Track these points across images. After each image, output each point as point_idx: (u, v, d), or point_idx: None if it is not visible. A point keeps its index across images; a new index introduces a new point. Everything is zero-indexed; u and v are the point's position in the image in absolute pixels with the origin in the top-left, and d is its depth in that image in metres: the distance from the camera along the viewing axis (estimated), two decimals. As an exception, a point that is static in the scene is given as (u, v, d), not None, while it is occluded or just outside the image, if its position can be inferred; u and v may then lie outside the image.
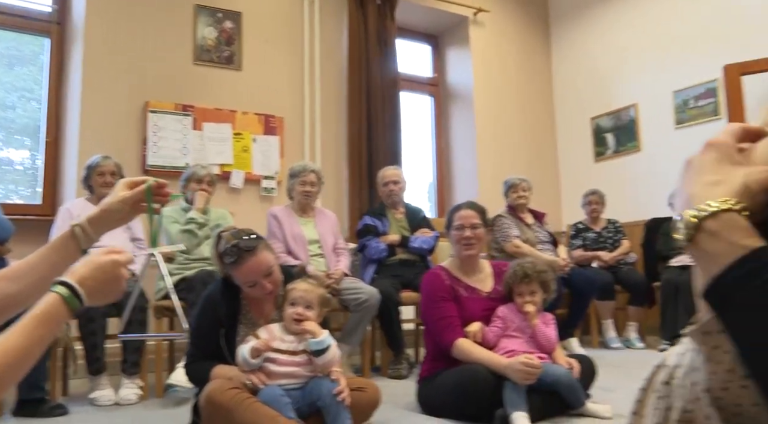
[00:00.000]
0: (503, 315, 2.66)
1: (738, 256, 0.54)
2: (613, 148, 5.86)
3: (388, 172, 4.28)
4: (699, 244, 0.57)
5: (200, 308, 2.38)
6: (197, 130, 4.47)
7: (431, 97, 6.07)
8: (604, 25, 5.95)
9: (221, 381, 2.17)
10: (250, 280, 2.27)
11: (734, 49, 4.78)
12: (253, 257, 2.26)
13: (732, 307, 0.55)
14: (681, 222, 0.58)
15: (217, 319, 2.32)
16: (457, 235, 2.75)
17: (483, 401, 2.38)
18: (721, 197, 0.57)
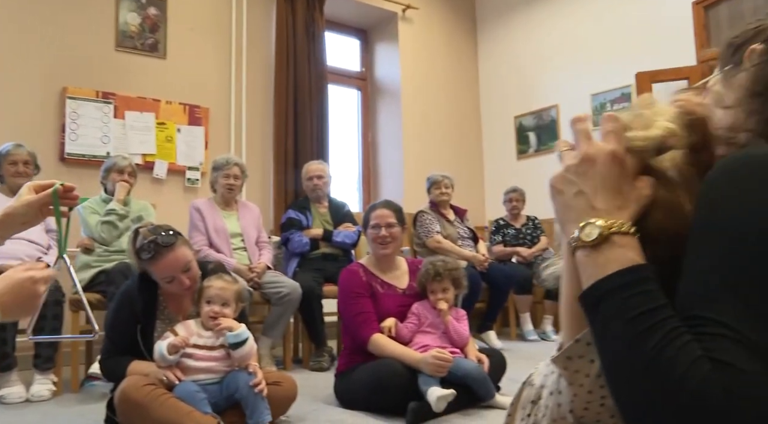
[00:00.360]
0: (417, 312, 2.76)
1: (624, 266, 0.64)
2: (535, 147, 6.08)
3: (312, 167, 4.32)
4: (600, 250, 0.66)
5: (117, 304, 2.37)
6: (119, 118, 4.37)
7: (359, 91, 6.12)
8: (529, 27, 6.15)
9: (136, 377, 2.18)
10: (168, 275, 2.28)
11: (647, 58, 5.04)
12: (171, 253, 2.27)
13: (599, 311, 0.64)
14: (594, 227, 0.67)
15: (133, 314, 2.31)
16: (373, 234, 2.83)
17: (397, 394, 2.47)
18: (628, 222, 0.67)
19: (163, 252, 2.25)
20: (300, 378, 3.28)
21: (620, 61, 5.31)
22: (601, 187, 0.69)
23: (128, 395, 2.11)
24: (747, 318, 0.58)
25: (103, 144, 4.28)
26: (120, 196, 3.48)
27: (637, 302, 0.61)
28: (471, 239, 4.74)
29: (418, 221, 4.60)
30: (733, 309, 0.59)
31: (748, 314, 0.58)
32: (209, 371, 2.28)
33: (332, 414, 2.58)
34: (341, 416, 2.54)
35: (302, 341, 3.96)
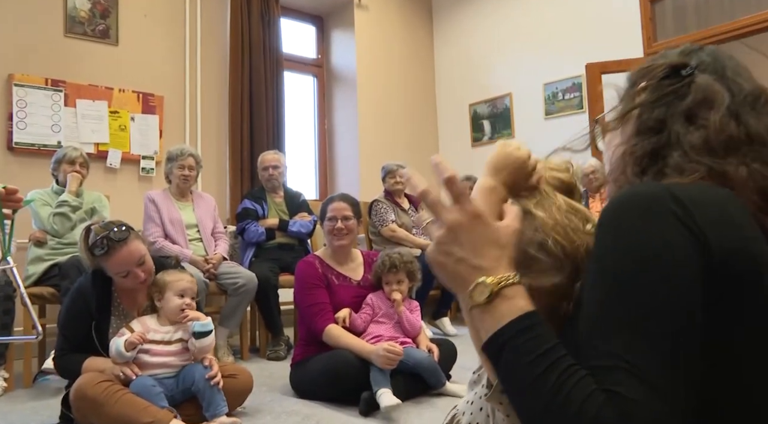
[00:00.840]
0: (372, 302, 2.84)
1: (516, 315, 0.69)
2: (489, 135, 6.18)
3: (267, 157, 4.33)
4: (494, 305, 0.71)
5: (69, 301, 2.38)
6: (70, 106, 4.29)
7: (315, 78, 6.12)
8: (483, 16, 6.22)
9: (92, 374, 2.20)
10: (123, 270, 2.30)
11: (597, 49, 5.16)
12: (125, 247, 2.29)
13: (501, 359, 0.69)
14: (484, 286, 0.71)
15: (87, 311, 2.33)
16: (329, 226, 2.89)
17: (350, 384, 2.55)
18: (512, 271, 0.72)
19: (116, 247, 2.27)
20: (257, 368, 3.36)
21: (571, 52, 5.43)
22: (476, 247, 0.72)
23: (84, 392, 2.13)
24: (635, 348, 0.64)
25: (54, 133, 4.21)
26: (72, 187, 3.44)
27: (531, 347, 0.67)
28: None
29: (373, 210, 4.67)
30: (622, 340, 0.65)
31: (635, 344, 0.64)
32: (166, 366, 2.31)
33: (288, 404, 2.64)
34: (296, 406, 2.61)
35: (259, 330, 4.01)
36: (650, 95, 0.85)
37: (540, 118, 5.67)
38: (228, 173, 4.98)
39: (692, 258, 0.67)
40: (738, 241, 0.69)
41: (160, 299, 2.37)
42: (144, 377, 2.23)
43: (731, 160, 0.78)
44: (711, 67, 0.86)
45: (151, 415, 2.10)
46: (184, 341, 2.36)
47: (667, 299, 0.66)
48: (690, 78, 0.84)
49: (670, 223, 0.68)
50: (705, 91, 0.83)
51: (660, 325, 0.65)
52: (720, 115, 0.80)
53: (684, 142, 0.80)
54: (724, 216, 0.70)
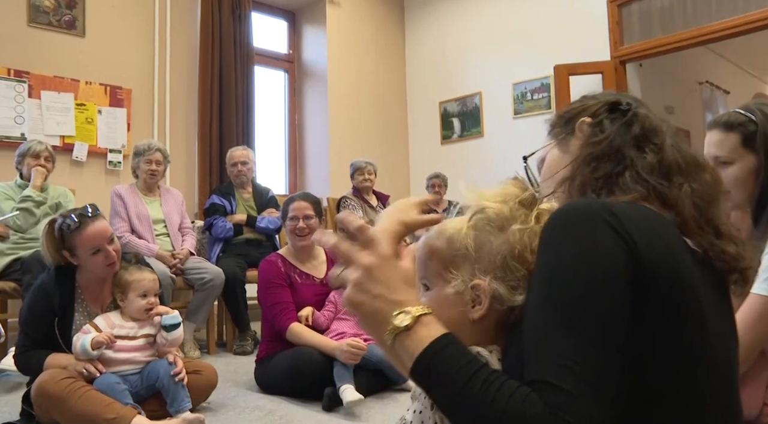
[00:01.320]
0: (335, 300, 2.89)
1: (436, 336, 0.76)
2: (458, 133, 6.25)
3: (236, 153, 4.33)
4: (415, 330, 0.77)
5: (31, 298, 2.36)
6: (34, 98, 4.23)
7: (286, 73, 6.11)
8: (455, 16, 6.27)
9: (54, 371, 2.20)
10: (95, 245, 2.29)
11: (565, 51, 5.25)
12: (96, 222, 2.30)
13: (429, 378, 0.75)
14: (406, 314, 0.77)
15: (50, 307, 2.32)
16: (291, 225, 2.91)
17: (314, 380, 2.59)
18: (426, 305, 0.80)
19: (88, 221, 2.28)
20: (223, 362, 3.38)
21: (540, 53, 5.51)
22: (391, 284, 0.79)
23: (46, 388, 2.13)
24: (568, 345, 0.70)
25: (17, 124, 4.15)
26: (37, 182, 3.41)
27: (454, 361, 0.73)
28: (393, 224, 4.87)
29: (342, 207, 4.70)
30: (557, 339, 0.71)
31: (568, 342, 0.71)
32: (130, 362, 2.33)
33: (252, 400, 2.67)
34: (261, 401, 2.64)
35: (226, 324, 4.02)
36: (608, 126, 0.95)
37: (509, 117, 5.74)
38: (197, 168, 4.96)
39: (624, 262, 0.74)
40: (663, 251, 0.77)
41: (122, 300, 2.37)
42: (108, 375, 2.24)
43: (676, 179, 0.89)
44: (641, 105, 0.98)
45: (114, 411, 2.10)
46: (148, 337, 2.38)
47: (600, 300, 0.72)
48: (632, 111, 0.95)
49: (605, 231, 0.76)
50: (650, 122, 0.94)
51: (592, 324, 0.71)
52: (669, 141, 0.92)
53: (637, 165, 0.90)
54: (652, 229, 0.78)
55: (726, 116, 1.52)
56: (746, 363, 1.38)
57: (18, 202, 3.34)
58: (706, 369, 0.78)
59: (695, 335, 0.77)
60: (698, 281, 0.80)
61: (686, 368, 0.76)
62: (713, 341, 0.79)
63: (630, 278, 0.74)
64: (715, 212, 0.90)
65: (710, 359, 0.78)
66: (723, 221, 0.91)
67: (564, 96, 5.21)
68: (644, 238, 0.76)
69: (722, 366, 0.81)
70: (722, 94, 8.18)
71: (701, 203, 0.89)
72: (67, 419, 2.12)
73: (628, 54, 5.14)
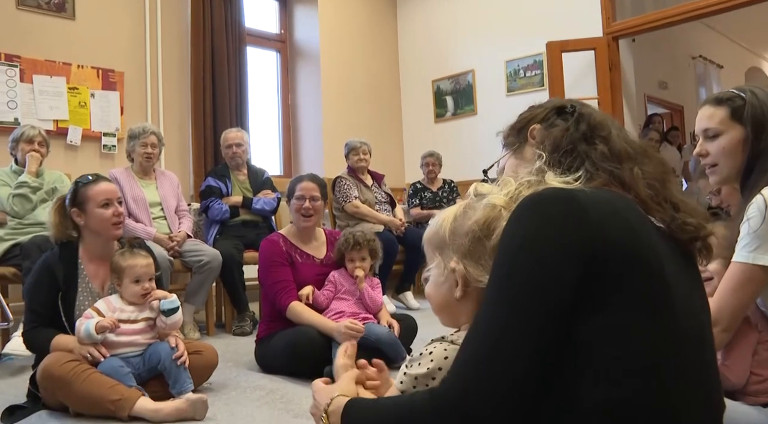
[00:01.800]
0: (334, 279, 2.92)
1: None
2: (451, 111, 6.26)
3: (230, 135, 4.33)
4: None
5: (36, 273, 2.41)
6: (26, 82, 4.21)
7: (278, 53, 6.08)
8: (446, -9, 6.24)
9: (59, 354, 2.23)
10: (106, 198, 2.43)
11: (558, 28, 5.25)
12: (109, 182, 2.53)
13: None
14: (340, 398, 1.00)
15: (54, 282, 2.37)
16: (297, 205, 2.94)
17: (313, 359, 2.63)
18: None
19: (101, 179, 2.51)
20: (222, 343, 3.42)
21: (533, 30, 5.50)
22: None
23: (51, 371, 2.16)
24: (483, 343, 0.81)
25: (10, 109, 4.14)
26: (32, 168, 3.41)
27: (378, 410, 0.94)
28: (388, 204, 4.91)
29: (337, 187, 4.72)
30: (478, 335, 0.82)
31: (487, 339, 0.81)
32: (132, 345, 2.36)
33: (252, 379, 2.71)
34: (261, 381, 2.68)
35: (224, 306, 4.05)
36: (564, 125, 1.04)
37: (502, 94, 5.75)
38: (191, 151, 4.96)
39: (571, 259, 0.79)
40: (627, 230, 0.82)
41: (119, 284, 2.40)
42: (111, 359, 2.27)
43: (627, 164, 0.98)
44: (584, 105, 1.08)
45: (118, 393, 2.15)
46: (149, 320, 2.41)
47: (531, 297, 0.78)
48: (576, 112, 1.06)
49: (559, 220, 0.81)
50: (594, 118, 1.04)
51: (513, 322, 0.79)
52: (615, 132, 1.02)
53: (591, 155, 0.99)
54: (616, 211, 0.84)
55: (717, 94, 1.59)
56: (730, 330, 1.43)
57: (14, 189, 3.35)
58: (672, 343, 0.81)
59: (661, 310, 0.81)
60: (665, 257, 0.85)
61: (648, 342, 0.79)
62: (680, 314, 0.83)
63: (585, 259, 0.78)
64: (669, 189, 0.98)
65: (675, 332, 0.82)
66: (679, 197, 0.97)
67: (557, 73, 5.21)
68: (608, 220, 0.82)
69: (694, 340, 0.85)
70: (716, 68, 8.19)
71: (655, 183, 0.97)
72: (73, 401, 2.16)
73: (620, 30, 5.14)
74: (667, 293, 0.82)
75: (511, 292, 0.80)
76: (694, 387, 0.83)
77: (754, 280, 1.39)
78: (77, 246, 2.47)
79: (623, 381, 0.77)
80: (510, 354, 0.77)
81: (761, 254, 1.37)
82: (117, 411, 2.12)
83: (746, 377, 1.51)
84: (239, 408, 2.33)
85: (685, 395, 0.81)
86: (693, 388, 0.83)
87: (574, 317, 0.78)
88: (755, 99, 1.50)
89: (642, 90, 6.54)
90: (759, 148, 1.48)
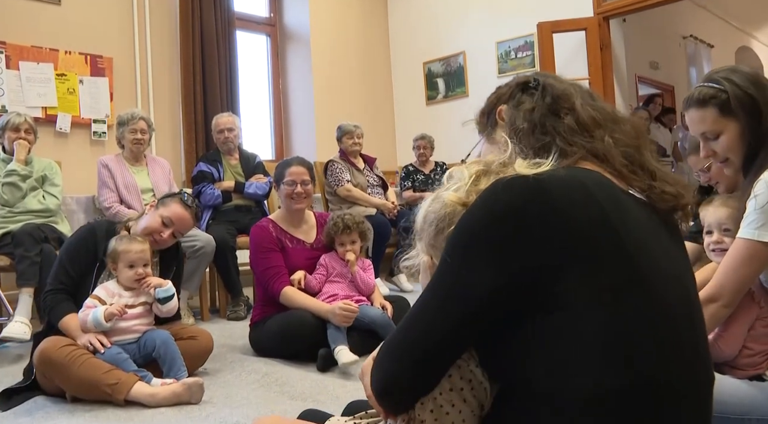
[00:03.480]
0: (325, 263, 2.93)
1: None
2: (443, 93, 6.24)
3: (222, 120, 4.31)
4: None
5: (80, 237, 2.48)
6: (12, 69, 4.17)
7: (268, 37, 6.04)
8: (436, -27, 6.19)
9: (56, 338, 2.25)
10: (171, 218, 2.52)
11: (548, 9, 5.23)
12: (188, 212, 2.62)
13: None
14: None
15: (94, 250, 2.42)
16: (288, 190, 2.93)
17: (308, 342, 2.65)
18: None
19: (189, 206, 2.61)
20: (217, 328, 3.43)
21: (523, 11, 5.49)
22: None
23: (48, 355, 2.17)
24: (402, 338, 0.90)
25: (-3, 97, 4.11)
26: (21, 156, 3.39)
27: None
28: (380, 187, 4.91)
29: (329, 170, 4.71)
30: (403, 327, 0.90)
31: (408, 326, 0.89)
32: (130, 331, 2.36)
33: (248, 363, 2.73)
34: (256, 364, 2.70)
35: (218, 291, 4.06)
36: (530, 101, 1.02)
37: (493, 76, 5.73)
38: (182, 136, 4.94)
39: (505, 267, 0.80)
40: (598, 215, 0.82)
41: (114, 268, 2.40)
42: (109, 348, 2.27)
43: (598, 134, 0.95)
44: (549, 76, 1.06)
45: (115, 377, 2.16)
46: (146, 304, 2.42)
47: (450, 304, 0.83)
48: (539, 85, 1.03)
49: (510, 219, 0.81)
50: (557, 89, 1.01)
51: (431, 307, 0.86)
52: (579, 101, 0.99)
53: (560, 130, 0.96)
54: (587, 196, 0.83)
55: (696, 93, 1.55)
56: (731, 306, 1.45)
57: (3, 177, 3.33)
58: (651, 324, 0.81)
59: (638, 292, 0.81)
60: (646, 232, 0.86)
61: (621, 329, 0.79)
62: (662, 293, 0.83)
63: (529, 262, 0.79)
64: (644, 155, 0.96)
65: (656, 313, 0.82)
66: (654, 164, 0.96)
67: (548, 54, 5.20)
68: (576, 207, 0.81)
69: (680, 318, 0.85)
70: (706, 47, 8.18)
71: (629, 151, 0.95)
72: (70, 385, 2.18)
73: (611, 9, 5.12)
74: (644, 274, 0.82)
75: (434, 293, 0.86)
76: (679, 365, 0.82)
77: (758, 256, 1.40)
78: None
79: (600, 371, 0.77)
80: (417, 358, 0.87)
81: (766, 231, 1.39)
82: (114, 395, 2.13)
83: (738, 350, 1.53)
84: (235, 391, 2.35)
85: (670, 372, 0.81)
86: (678, 365, 0.82)
87: (531, 314, 0.80)
88: (736, 88, 1.48)
89: (633, 70, 6.53)
90: (761, 131, 1.48)
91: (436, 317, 0.85)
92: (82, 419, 2.05)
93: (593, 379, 0.77)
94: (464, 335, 0.85)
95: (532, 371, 0.80)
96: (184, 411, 2.11)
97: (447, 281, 0.84)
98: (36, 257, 3.07)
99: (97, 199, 3.86)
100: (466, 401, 0.90)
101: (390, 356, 0.90)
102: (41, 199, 3.45)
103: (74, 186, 4.07)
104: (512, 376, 0.84)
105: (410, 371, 0.87)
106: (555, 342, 0.78)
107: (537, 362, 0.80)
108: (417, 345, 0.86)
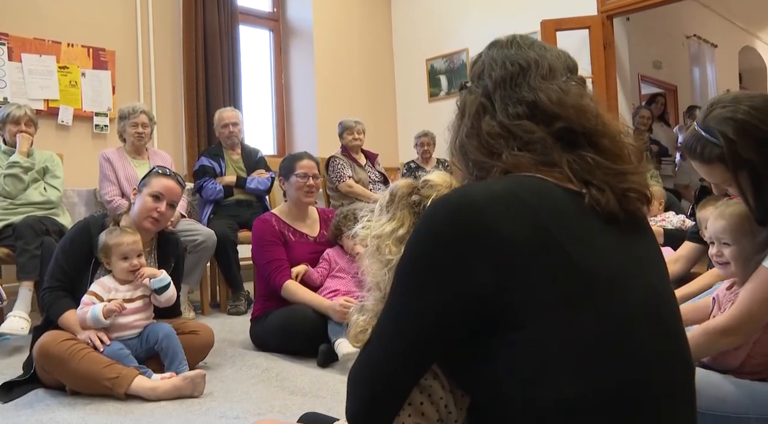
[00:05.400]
0: (329, 257, 2.92)
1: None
2: (446, 90, 6.23)
3: (225, 114, 4.30)
4: None
5: (75, 234, 2.45)
6: (14, 61, 4.16)
7: (271, 32, 6.02)
8: (440, -30, 6.17)
9: (55, 332, 2.24)
10: (160, 190, 2.51)
11: (552, 6, 5.21)
12: (175, 182, 2.61)
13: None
14: None
15: (89, 247, 2.40)
16: (300, 182, 2.92)
17: (308, 337, 2.65)
18: None
19: (171, 176, 2.62)
20: (218, 323, 3.43)
21: (527, 8, 5.46)
22: None
23: (48, 350, 2.17)
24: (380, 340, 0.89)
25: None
26: (23, 148, 3.38)
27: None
28: (382, 183, 4.90)
29: (330, 166, 4.71)
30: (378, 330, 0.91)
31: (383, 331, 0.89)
32: (131, 327, 2.36)
33: (248, 358, 2.72)
34: (257, 359, 2.69)
35: (219, 285, 4.06)
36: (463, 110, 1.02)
37: (496, 73, 5.70)
38: (184, 130, 4.93)
39: (460, 274, 0.79)
40: (536, 227, 0.80)
41: (108, 262, 2.39)
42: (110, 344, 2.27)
43: (539, 133, 0.91)
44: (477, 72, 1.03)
45: (116, 371, 2.16)
46: (144, 297, 2.42)
47: (417, 304, 0.83)
48: (466, 88, 1.03)
49: (448, 243, 0.81)
50: (470, 99, 1.01)
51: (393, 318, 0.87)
52: (499, 106, 0.96)
53: (493, 135, 0.94)
54: (522, 209, 0.81)
55: (699, 147, 1.43)
56: (745, 340, 1.41)
57: (5, 169, 3.32)
58: (614, 329, 0.79)
59: (589, 301, 0.79)
60: (594, 234, 0.83)
61: (581, 336, 0.78)
62: (618, 288, 0.81)
63: (464, 285, 0.79)
64: (599, 145, 0.90)
65: (615, 317, 0.80)
66: (613, 151, 0.90)
67: (551, 52, 5.17)
68: (507, 222, 0.79)
69: (645, 319, 0.82)
70: (710, 47, 8.16)
71: (567, 135, 0.90)
72: (70, 379, 2.18)
73: (615, 8, 5.11)
74: (596, 281, 0.80)
75: (390, 317, 0.87)
76: (648, 365, 0.80)
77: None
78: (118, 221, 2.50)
79: (567, 380, 0.77)
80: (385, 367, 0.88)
81: None
82: (114, 389, 2.13)
83: (741, 361, 1.49)
84: (235, 385, 2.34)
85: (639, 374, 0.79)
86: (647, 366, 0.80)
87: (491, 332, 0.80)
88: (741, 136, 1.35)
89: (636, 69, 6.51)
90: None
91: (392, 342, 0.86)
92: (83, 411, 2.04)
93: (560, 389, 0.76)
94: (422, 357, 0.86)
95: (504, 385, 0.79)
96: (185, 405, 2.10)
97: (399, 305, 0.86)
98: (36, 250, 3.06)
99: (99, 193, 3.86)
100: (425, 414, 0.93)
101: (354, 384, 0.91)
102: (43, 191, 3.45)
103: (76, 179, 4.06)
104: (484, 391, 0.84)
105: (378, 399, 0.89)
106: (520, 358, 0.78)
107: (506, 376, 0.79)
108: (379, 371, 0.88)
